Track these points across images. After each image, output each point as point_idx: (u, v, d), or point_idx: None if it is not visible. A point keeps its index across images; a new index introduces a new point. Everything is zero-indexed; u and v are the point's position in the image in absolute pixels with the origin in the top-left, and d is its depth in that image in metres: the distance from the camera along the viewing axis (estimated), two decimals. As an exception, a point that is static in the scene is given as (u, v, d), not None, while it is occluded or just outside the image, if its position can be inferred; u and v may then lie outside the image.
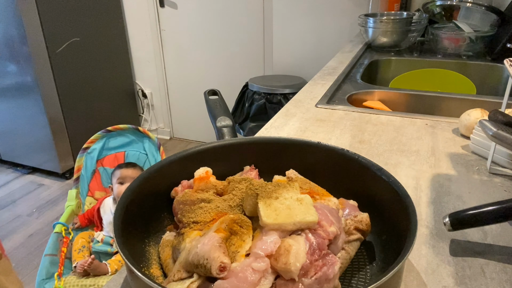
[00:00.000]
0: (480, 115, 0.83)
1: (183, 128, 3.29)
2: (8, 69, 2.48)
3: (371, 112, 1.02)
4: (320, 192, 0.52)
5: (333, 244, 0.43)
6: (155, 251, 0.50)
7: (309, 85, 1.24)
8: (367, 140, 0.86)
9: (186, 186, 0.55)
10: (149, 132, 1.89)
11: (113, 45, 2.95)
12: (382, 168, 0.51)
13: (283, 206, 0.42)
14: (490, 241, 0.55)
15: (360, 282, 0.47)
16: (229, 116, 0.73)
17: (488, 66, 1.45)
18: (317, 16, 2.39)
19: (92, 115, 2.84)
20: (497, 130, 0.55)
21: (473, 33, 1.49)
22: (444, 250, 0.53)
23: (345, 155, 0.55)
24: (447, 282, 0.48)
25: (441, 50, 1.58)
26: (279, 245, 0.39)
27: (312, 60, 2.49)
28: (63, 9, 2.50)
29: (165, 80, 3.14)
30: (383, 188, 0.49)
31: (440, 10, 1.70)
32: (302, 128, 0.92)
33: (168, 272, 0.45)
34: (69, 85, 2.62)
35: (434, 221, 0.59)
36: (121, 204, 0.45)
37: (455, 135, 0.88)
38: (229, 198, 0.50)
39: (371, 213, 0.50)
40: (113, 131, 1.87)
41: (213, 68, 2.94)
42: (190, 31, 2.89)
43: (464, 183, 0.69)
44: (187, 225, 0.47)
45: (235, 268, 0.38)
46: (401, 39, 1.62)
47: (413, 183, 0.69)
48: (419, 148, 0.82)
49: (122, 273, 0.50)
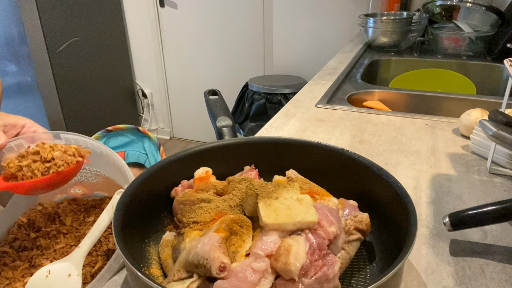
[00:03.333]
0: (480, 115, 0.83)
1: (183, 128, 3.29)
2: (8, 69, 2.48)
3: (371, 112, 1.02)
4: (320, 192, 0.52)
5: (333, 244, 0.43)
6: (155, 251, 0.50)
7: (309, 85, 1.24)
8: (367, 140, 0.86)
9: (186, 186, 0.55)
10: (149, 132, 1.89)
11: (113, 45, 2.95)
12: (382, 168, 0.51)
13: (283, 206, 0.42)
14: (490, 241, 0.55)
15: (360, 282, 0.47)
16: (229, 116, 0.73)
17: (488, 66, 1.45)
18: (317, 16, 2.39)
19: (92, 115, 2.84)
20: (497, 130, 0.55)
21: (473, 33, 1.49)
22: (444, 250, 0.53)
23: (345, 155, 0.55)
24: (447, 282, 0.48)
25: (441, 50, 1.58)
26: (279, 245, 0.39)
27: (312, 60, 2.49)
28: (63, 9, 2.50)
29: (165, 80, 3.14)
30: (383, 188, 0.49)
31: (440, 10, 1.69)
32: (302, 128, 0.92)
33: (168, 272, 0.45)
34: (69, 85, 2.62)
35: (434, 221, 0.59)
36: (121, 204, 0.45)
37: (455, 135, 0.88)
38: (229, 198, 0.50)
39: (371, 213, 0.50)
40: (113, 131, 1.86)
41: (213, 68, 2.93)
42: (190, 31, 2.89)
43: (464, 183, 0.69)
44: (187, 225, 0.47)
45: (235, 268, 0.38)
46: (401, 39, 1.62)
47: (413, 183, 0.69)
48: (419, 148, 0.82)
49: (122, 273, 0.50)
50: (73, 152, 0.53)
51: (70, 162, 0.52)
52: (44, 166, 0.50)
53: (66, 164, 0.52)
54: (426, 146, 0.83)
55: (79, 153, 0.54)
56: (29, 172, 0.49)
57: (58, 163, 0.51)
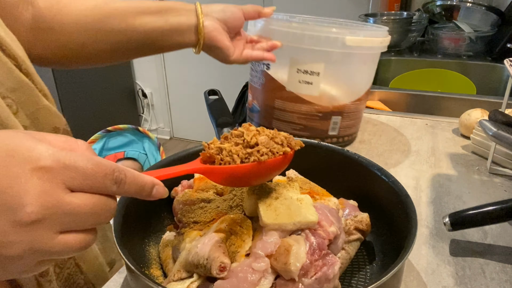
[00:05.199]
0: (480, 115, 0.83)
1: (183, 128, 3.29)
2: (8, 69, 2.48)
3: (371, 112, 1.02)
4: (320, 192, 0.52)
5: (333, 244, 0.43)
6: (155, 251, 0.50)
7: (309, 85, 1.24)
8: (367, 140, 0.86)
9: (186, 186, 0.55)
10: (149, 132, 1.89)
11: (113, 45, 2.95)
12: (382, 168, 0.51)
13: (283, 206, 0.42)
14: (490, 241, 0.55)
15: (360, 282, 0.47)
16: (229, 116, 0.73)
17: (488, 66, 1.44)
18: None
19: (92, 115, 2.84)
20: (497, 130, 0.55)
21: (473, 33, 1.49)
22: (444, 250, 0.53)
23: (345, 155, 0.56)
24: (447, 282, 0.48)
25: (441, 50, 1.58)
26: (279, 245, 0.39)
27: (312, 60, 2.49)
28: (63, 9, 2.50)
29: (165, 80, 3.14)
30: (383, 188, 0.49)
31: (440, 10, 1.69)
32: (302, 128, 0.92)
33: (168, 272, 0.45)
34: (69, 85, 2.62)
35: (434, 221, 0.59)
36: (121, 204, 0.45)
37: (455, 135, 0.88)
38: (229, 198, 0.50)
39: (371, 213, 0.50)
40: (113, 131, 1.87)
41: (213, 68, 2.93)
42: (190, 31, 2.88)
43: (464, 183, 0.69)
44: (187, 225, 0.47)
45: (235, 268, 0.38)
46: (401, 39, 1.62)
47: (413, 183, 0.69)
48: (419, 148, 0.82)
49: (122, 273, 0.50)
50: (281, 140, 0.43)
51: (276, 151, 0.42)
52: (245, 152, 0.41)
53: (270, 153, 0.41)
54: (426, 146, 0.83)
55: (289, 142, 0.44)
56: (228, 157, 0.40)
57: (262, 150, 0.41)
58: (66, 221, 0.27)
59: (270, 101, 0.76)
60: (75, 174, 0.27)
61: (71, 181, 0.27)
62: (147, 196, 0.32)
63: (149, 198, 0.32)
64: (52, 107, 0.52)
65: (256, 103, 0.79)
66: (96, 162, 0.28)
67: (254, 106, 0.80)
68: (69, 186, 0.27)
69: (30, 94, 0.47)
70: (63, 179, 0.26)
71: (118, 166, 0.29)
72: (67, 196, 0.26)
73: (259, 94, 0.78)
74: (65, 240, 0.27)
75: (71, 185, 0.27)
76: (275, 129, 0.45)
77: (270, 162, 0.41)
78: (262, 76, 0.76)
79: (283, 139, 0.43)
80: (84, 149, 0.30)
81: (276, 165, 0.42)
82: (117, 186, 0.29)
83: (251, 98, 0.81)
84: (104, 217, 0.29)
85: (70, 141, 0.29)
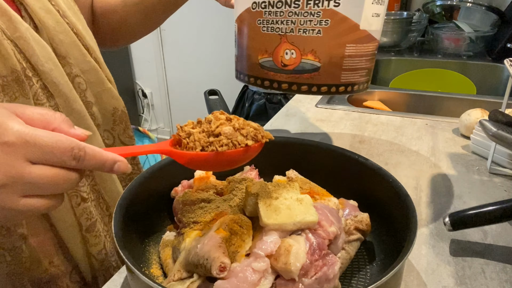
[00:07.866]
0: (480, 115, 0.83)
1: (183, 128, 3.29)
2: (8, 69, 2.47)
3: (371, 112, 1.02)
4: (320, 192, 0.52)
5: (333, 244, 0.43)
6: (155, 251, 0.50)
7: (309, 85, 1.24)
8: (367, 140, 0.86)
9: (186, 186, 0.55)
10: (148, 132, 1.89)
11: (113, 45, 2.95)
12: (382, 168, 0.51)
13: (283, 206, 0.42)
14: (490, 241, 0.55)
15: (360, 282, 0.47)
16: (229, 116, 0.73)
17: (488, 66, 1.44)
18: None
19: (92, 115, 2.84)
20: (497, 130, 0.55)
21: (473, 33, 1.49)
22: (444, 250, 0.53)
23: (345, 155, 0.56)
24: (447, 282, 0.48)
25: (441, 50, 1.58)
26: (279, 245, 0.39)
27: (312, 60, 2.49)
28: (63, 9, 2.50)
29: (165, 80, 3.14)
30: (383, 188, 0.49)
31: (440, 10, 1.69)
32: (302, 128, 0.92)
33: (168, 272, 0.45)
34: (69, 85, 2.62)
35: (434, 221, 0.59)
36: (121, 204, 0.45)
37: (455, 135, 0.88)
38: (229, 198, 0.50)
39: (371, 213, 0.50)
40: (113, 131, 1.87)
41: (213, 68, 2.93)
42: (190, 31, 2.88)
43: (464, 183, 0.69)
44: (187, 225, 0.47)
45: (235, 268, 0.38)
46: (401, 39, 1.62)
47: (413, 183, 0.69)
48: (419, 148, 0.82)
49: (122, 273, 0.50)
50: (247, 132, 0.42)
51: (238, 143, 0.41)
52: (207, 140, 0.40)
53: (231, 144, 0.40)
54: (426, 146, 0.83)
55: (255, 135, 0.42)
56: (191, 143, 0.41)
57: (222, 141, 0.40)
58: (27, 188, 0.31)
59: (340, 49, 0.59)
60: (34, 149, 0.31)
61: (31, 155, 0.31)
62: (109, 171, 0.35)
63: (112, 172, 0.36)
64: (114, 90, 0.62)
65: (317, 60, 0.59)
66: (56, 139, 0.31)
67: (310, 64, 0.59)
68: (29, 159, 0.31)
69: (97, 77, 0.57)
70: (24, 153, 0.31)
71: (79, 144, 0.33)
72: (28, 167, 0.31)
73: (319, 44, 0.59)
74: (28, 202, 0.32)
75: (32, 158, 0.31)
76: (244, 120, 0.43)
77: (229, 154, 0.41)
78: (324, 19, 0.57)
79: (249, 131, 0.42)
80: (60, 122, 0.33)
81: (236, 157, 0.41)
82: (76, 161, 0.32)
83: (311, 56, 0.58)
84: (64, 186, 0.33)
85: (48, 114, 0.33)
